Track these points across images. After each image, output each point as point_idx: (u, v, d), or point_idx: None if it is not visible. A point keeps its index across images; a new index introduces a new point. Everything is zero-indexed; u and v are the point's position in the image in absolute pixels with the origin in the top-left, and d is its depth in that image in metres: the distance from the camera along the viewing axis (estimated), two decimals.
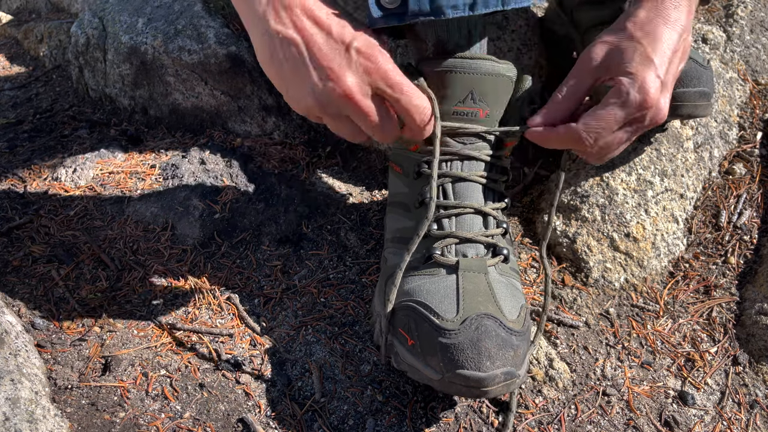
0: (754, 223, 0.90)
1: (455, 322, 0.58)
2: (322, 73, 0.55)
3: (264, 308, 0.79)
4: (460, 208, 0.67)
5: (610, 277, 0.84)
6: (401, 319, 0.63)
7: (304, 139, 1.13)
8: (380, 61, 0.56)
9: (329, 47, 0.55)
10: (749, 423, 0.70)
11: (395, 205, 0.74)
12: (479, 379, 0.55)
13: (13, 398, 0.59)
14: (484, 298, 0.61)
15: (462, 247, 0.66)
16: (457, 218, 0.67)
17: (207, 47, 1.11)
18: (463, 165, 0.68)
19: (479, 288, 0.62)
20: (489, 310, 0.60)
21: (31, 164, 1.06)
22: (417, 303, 0.62)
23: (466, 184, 0.68)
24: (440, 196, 0.68)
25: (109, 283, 0.82)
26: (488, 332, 0.57)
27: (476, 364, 0.56)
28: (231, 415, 0.66)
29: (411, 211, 0.71)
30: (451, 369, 0.56)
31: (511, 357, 0.57)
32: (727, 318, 0.81)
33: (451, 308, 0.60)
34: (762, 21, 1.10)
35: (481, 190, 0.68)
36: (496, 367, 0.56)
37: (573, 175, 0.91)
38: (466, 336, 0.57)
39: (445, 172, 0.68)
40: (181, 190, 0.97)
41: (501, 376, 0.56)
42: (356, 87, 0.56)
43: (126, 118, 1.23)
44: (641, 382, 0.73)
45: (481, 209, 0.68)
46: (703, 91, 0.79)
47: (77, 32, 1.29)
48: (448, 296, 0.62)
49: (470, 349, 0.56)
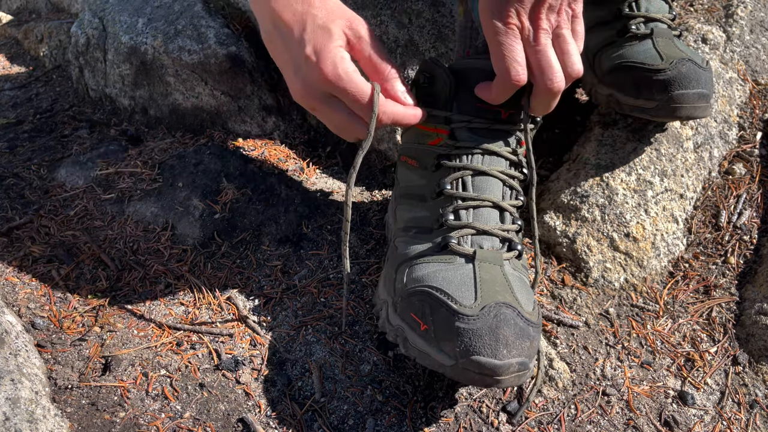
0: (753, 223, 0.90)
1: (474, 308, 0.58)
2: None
3: (264, 308, 0.79)
4: (479, 200, 0.68)
5: (609, 277, 0.84)
6: (414, 304, 0.63)
7: (304, 139, 1.13)
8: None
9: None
10: (749, 423, 0.70)
11: (408, 196, 0.75)
12: (494, 367, 0.55)
13: (13, 398, 0.59)
14: (502, 288, 0.62)
15: (478, 239, 0.67)
16: (475, 210, 0.68)
17: (207, 47, 1.11)
18: (485, 159, 0.69)
19: (496, 278, 0.63)
20: (507, 299, 0.60)
21: (31, 164, 1.06)
22: (433, 288, 0.62)
23: (486, 179, 0.69)
24: (459, 187, 0.69)
25: (109, 283, 0.82)
26: (507, 320, 0.57)
27: (493, 351, 0.55)
28: (231, 415, 0.66)
29: (427, 201, 0.71)
30: (466, 355, 0.56)
31: (527, 347, 0.58)
32: (727, 318, 0.81)
33: (469, 295, 0.60)
34: (762, 21, 1.10)
35: (500, 186, 0.69)
36: (512, 356, 0.56)
37: (573, 175, 0.91)
38: (485, 322, 0.57)
39: (465, 164, 0.69)
40: (181, 190, 0.97)
41: (515, 366, 0.56)
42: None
43: (126, 118, 1.23)
44: (641, 382, 0.73)
45: (498, 204, 0.68)
46: (702, 92, 0.79)
47: (77, 32, 1.29)
48: (465, 283, 0.62)
49: (488, 335, 0.56)
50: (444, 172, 0.70)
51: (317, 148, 1.11)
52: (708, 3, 1.13)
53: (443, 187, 0.69)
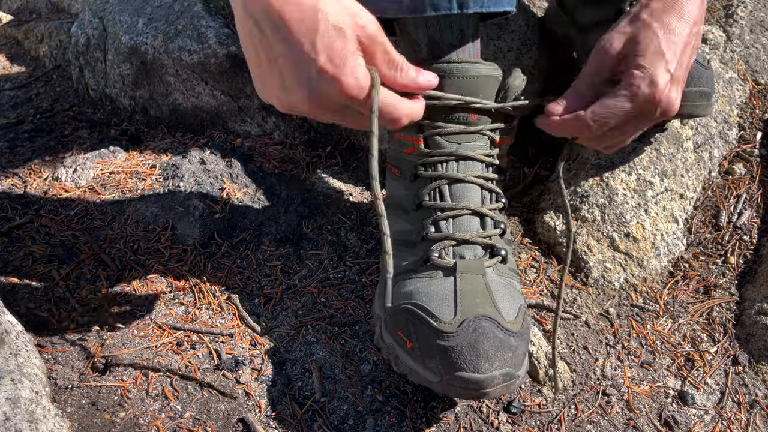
0: (753, 223, 0.90)
1: (453, 324, 0.58)
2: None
3: (264, 308, 0.79)
4: (457, 209, 0.67)
5: (609, 277, 0.84)
6: (400, 321, 0.63)
7: (304, 139, 1.13)
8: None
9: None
10: (749, 423, 0.70)
11: (394, 207, 0.75)
12: (478, 381, 0.55)
13: (13, 398, 0.59)
14: (482, 299, 0.61)
15: (460, 249, 0.66)
16: (455, 220, 0.67)
17: (207, 47, 1.11)
18: (459, 165, 0.68)
19: (477, 289, 0.62)
20: (487, 311, 0.60)
21: (32, 164, 1.06)
22: (415, 306, 0.62)
23: (463, 186, 0.68)
24: (437, 198, 0.68)
25: (109, 283, 0.82)
26: (486, 334, 0.57)
27: (474, 366, 0.56)
28: (231, 414, 0.66)
29: (409, 213, 0.71)
30: (450, 372, 0.56)
31: (509, 358, 0.57)
32: (727, 318, 0.81)
33: (448, 310, 0.60)
34: (762, 21, 1.10)
35: (478, 191, 0.68)
36: (494, 368, 0.56)
37: (573, 175, 0.91)
38: (464, 338, 0.57)
39: (441, 174, 0.68)
40: (181, 190, 0.97)
41: (500, 378, 0.56)
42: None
43: (126, 118, 1.23)
44: (641, 382, 0.73)
45: (478, 210, 0.68)
46: (703, 90, 0.79)
47: (77, 32, 1.29)
48: (445, 298, 0.62)
49: (468, 351, 0.56)
50: (421, 182, 0.70)
51: (317, 148, 1.11)
52: (708, 3, 1.13)
53: (422, 199, 0.69)
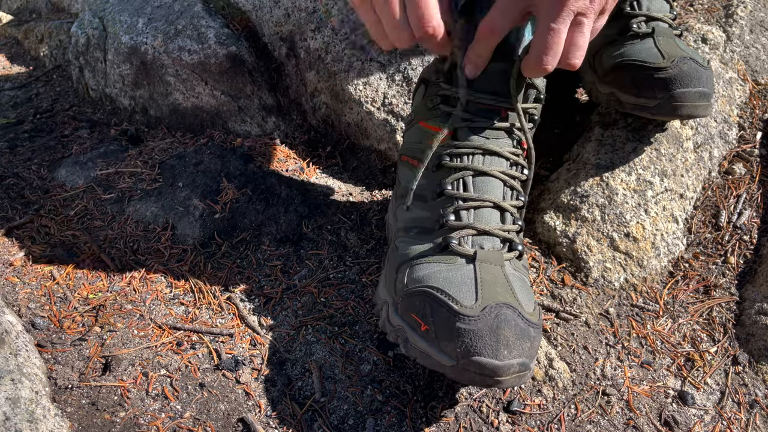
0: (753, 223, 0.90)
1: (475, 309, 0.58)
2: None
3: (264, 308, 0.79)
4: (480, 201, 0.68)
5: (609, 277, 0.84)
6: (415, 304, 0.63)
7: (304, 139, 1.13)
8: None
9: None
10: (749, 423, 0.70)
11: (399, 196, 0.75)
12: (495, 368, 0.55)
13: (13, 398, 0.59)
14: (502, 288, 0.61)
15: (479, 239, 0.67)
16: (476, 211, 0.68)
17: (207, 47, 1.11)
18: (485, 159, 0.69)
19: (497, 279, 0.63)
20: (508, 300, 0.60)
21: (31, 164, 1.06)
22: (433, 288, 0.62)
23: (487, 179, 0.68)
24: (460, 188, 0.69)
25: (109, 283, 0.82)
26: (508, 321, 0.57)
27: (494, 352, 0.55)
28: (231, 414, 0.66)
29: (428, 201, 0.71)
30: (467, 356, 0.56)
31: (527, 348, 0.57)
32: (727, 318, 0.81)
33: (469, 296, 0.60)
34: (762, 21, 1.10)
35: (501, 186, 0.69)
36: (512, 356, 0.56)
37: (573, 175, 0.91)
38: (486, 323, 0.57)
39: (466, 165, 0.68)
40: (181, 190, 0.97)
41: (516, 366, 0.56)
42: None
43: (126, 118, 1.23)
44: (641, 382, 0.73)
45: (499, 204, 0.68)
46: (702, 91, 0.79)
47: (77, 32, 1.29)
48: (466, 284, 0.61)
49: (489, 336, 0.56)
50: (444, 172, 0.70)
51: (317, 148, 1.11)
52: (708, 3, 1.13)
53: (444, 188, 0.69)
